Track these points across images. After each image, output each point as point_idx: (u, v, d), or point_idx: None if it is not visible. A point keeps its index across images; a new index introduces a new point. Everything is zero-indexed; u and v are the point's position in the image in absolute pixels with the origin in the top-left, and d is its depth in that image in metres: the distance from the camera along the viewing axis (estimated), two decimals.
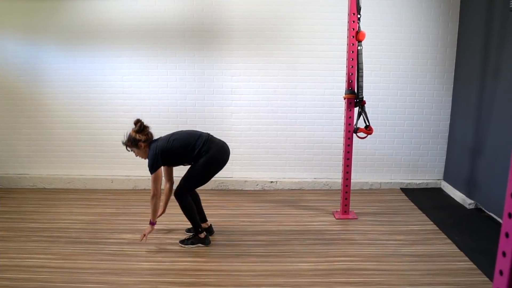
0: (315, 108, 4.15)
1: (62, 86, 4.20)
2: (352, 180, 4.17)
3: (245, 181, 4.27)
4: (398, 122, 4.16)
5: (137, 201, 4.00)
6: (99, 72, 4.17)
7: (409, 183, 4.27)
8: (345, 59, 3.47)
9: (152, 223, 2.98)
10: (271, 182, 4.27)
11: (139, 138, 2.92)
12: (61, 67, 4.17)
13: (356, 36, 3.23)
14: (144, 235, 2.97)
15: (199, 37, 4.05)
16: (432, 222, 3.44)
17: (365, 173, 4.26)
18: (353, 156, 4.18)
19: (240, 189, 4.27)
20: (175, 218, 3.48)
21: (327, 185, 4.27)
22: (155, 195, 2.89)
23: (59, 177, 4.35)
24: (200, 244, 3.01)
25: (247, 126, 4.20)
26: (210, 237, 3.12)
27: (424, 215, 3.60)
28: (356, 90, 3.33)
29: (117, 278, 2.64)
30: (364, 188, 4.27)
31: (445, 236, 3.18)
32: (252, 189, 4.29)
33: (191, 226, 3.13)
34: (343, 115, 4.12)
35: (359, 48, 3.25)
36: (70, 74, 4.18)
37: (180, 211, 2.95)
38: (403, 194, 4.11)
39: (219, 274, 2.67)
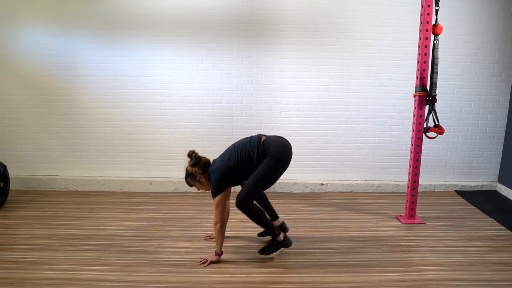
0: (368, 107, 3.94)
1: (97, 81, 3.89)
2: (403, 182, 4.04)
3: (294, 183, 4.03)
4: (453, 121, 3.97)
5: (182, 205, 3.72)
6: (138, 66, 3.87)
7: (464, 185, 4.10)
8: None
9: (218, 254, 2.70)
10: (321, 184, 4.04)
11: (197, 172, 2.70)
12: (97, 60, 3.85)
13: (433, 30, 3.02)
14: (206, 261, 2.68)
15: (248, 29, 3.80)
16: (504, 227, 3.26)
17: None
18: (404, 157, 4.04)
19: (289, 191, 4.03)
20: (242, 224, 3.19)
21: (380, 187, 4.06)
22: (219, 223, 2.62)
23: (93, 179, 4.04)
24: (282, 248, 2.71)
25: (296, 125, 3.96)
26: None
27: (491, 219, 3.42)
28: (429, 88, 3.13)
29: None
30: (418, 190, 4.07)
31: None
32: (302, 191, 4.05)
33: (262, 229, 2.91)
34: (397, 114, 3.97)
35: (435, 42, 3.04)
36: (107, 68, 3.87)
37: (240, 217, 2.69)
38: (460, 197, 3.93)
39: (304, 287, 2.43)
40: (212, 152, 3.99)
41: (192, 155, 2.72)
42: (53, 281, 2.47)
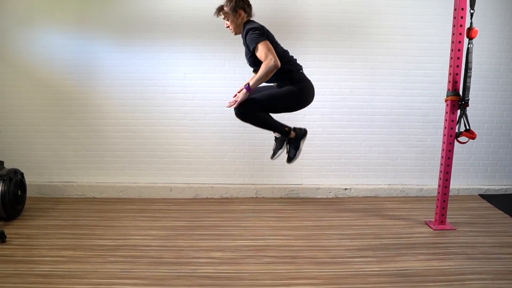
0: (392, 110, 3.89)
1: (116, 85, 3.79)
2: (427, 187, 4.00)
3: (317, 188, 3.96)
4: (478, 125, 3.93)
5: (205, 212, 3.64)
6: (158, 69, 3.77)
7: (488, 189, 4.07)
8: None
9: (249, 90, 2.45)
10: (345, 189, 3.98)
11: (243, 5, 2.54)
12: (116, 63, 3.75)
13: (467, 33, 2.97)
14: (236, 102, 2.52)
15: (271, 32, 3.70)
16: None
17: None
18: (428, 161, 3.99)
19: (312, 197, 3.96)
20: (270, 232, 3.15)
21: (404, 191, 4.01)
22: (276, 62, 2.38)
23: (111, 185, 3.93)
24: (302, 140, 2.75)
25: (320, 129, 3.89)
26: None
27: None
28: (461, 92, 3.08)
29: None
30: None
31: None
32: (325, 196, 3.99)
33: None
34: (421, 117, 3.91)
35: (469, 46, 2.99)
36: (126, 71, 3.77)
37: (266, 224, 2.63)
38: (486, 201, 3.90)
39: None
40: (234, 157, 3.95)
41: None
42: None
